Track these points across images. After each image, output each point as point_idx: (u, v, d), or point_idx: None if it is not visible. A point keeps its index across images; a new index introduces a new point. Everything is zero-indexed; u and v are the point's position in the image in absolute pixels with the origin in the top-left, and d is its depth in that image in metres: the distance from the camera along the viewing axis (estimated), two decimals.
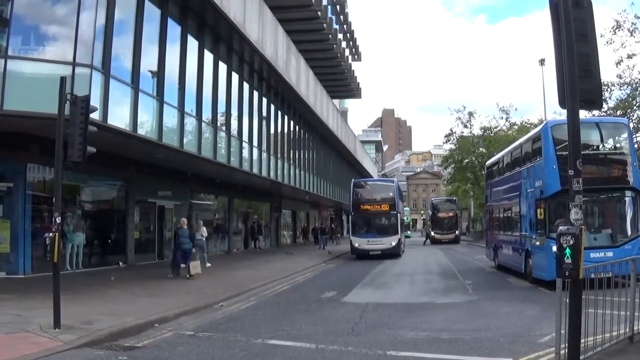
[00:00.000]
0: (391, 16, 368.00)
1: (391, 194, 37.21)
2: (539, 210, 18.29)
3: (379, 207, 36.43)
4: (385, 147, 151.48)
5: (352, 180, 41.22)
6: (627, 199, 17.69)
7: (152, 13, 20.05)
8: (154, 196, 28.43)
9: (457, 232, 60.91)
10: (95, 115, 13.55)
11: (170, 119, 21.25)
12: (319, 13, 40.80)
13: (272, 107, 36.20)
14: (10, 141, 17.43)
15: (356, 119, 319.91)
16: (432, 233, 62.85)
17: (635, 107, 30.49)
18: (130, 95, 18.39)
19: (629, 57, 29.39)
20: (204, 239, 25.22)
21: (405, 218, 73.27)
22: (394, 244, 35.21)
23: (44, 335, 10.30)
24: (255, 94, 32.39)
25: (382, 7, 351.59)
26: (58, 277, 11.34)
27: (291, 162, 40.76)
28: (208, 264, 24.77)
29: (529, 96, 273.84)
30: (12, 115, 14.93)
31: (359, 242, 35.41)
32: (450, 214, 61.83)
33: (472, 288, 19.07)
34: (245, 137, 30.17)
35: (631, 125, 24.78)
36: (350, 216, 37.92)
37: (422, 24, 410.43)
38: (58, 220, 11.47)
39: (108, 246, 24.50)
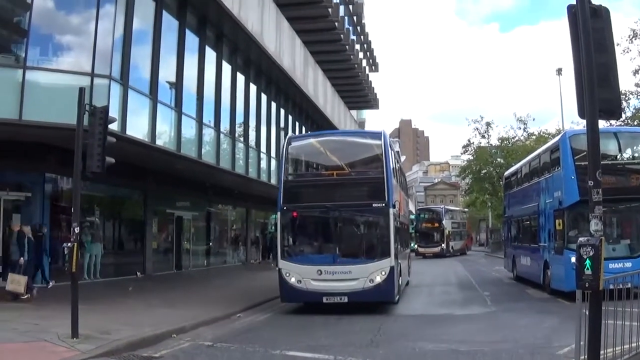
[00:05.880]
0: (408, 27, 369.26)
1: (375, 160, 17.07)
2: (557, 221, 18.13)
3: (346, 193, 16.53)
4: (403, 158, 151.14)
5: (288, 136, 20.99)
6: None
7: (170, 24, 20.25)
8: (172, 207, 28.60)
9: (443, 245, 54.98)
10: (114, 126, 13.63)
11: (189, 129, 21.39)
12: (336, 24, 40.72)
13: (290, 118, 36.34)
14: (29, 151, 17.58)
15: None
16: (416, 246, 55.55)
17: None
18: (148, 106, 18.56)
19: None
20: None
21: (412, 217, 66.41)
22: (378, 279, 15.58)
23: (61, 345, 10.30)
24: (273, 104, 32.54)
25: (399, 18, 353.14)
26: (76, 287, 11.38)
27: None
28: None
29: (546, 105, 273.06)
30: (31, 125, 15.08)
31: (300, 275, 15.86)
32: (436, 224, 56.55)
33: (491, 299, 18.92)
34: (263, 147, 30.25)
35: None
36: (278, 215, 16.62)
37: (438, 33, 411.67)
38: (77, 230, 11.53)
39: (126, 256, 24.59)
